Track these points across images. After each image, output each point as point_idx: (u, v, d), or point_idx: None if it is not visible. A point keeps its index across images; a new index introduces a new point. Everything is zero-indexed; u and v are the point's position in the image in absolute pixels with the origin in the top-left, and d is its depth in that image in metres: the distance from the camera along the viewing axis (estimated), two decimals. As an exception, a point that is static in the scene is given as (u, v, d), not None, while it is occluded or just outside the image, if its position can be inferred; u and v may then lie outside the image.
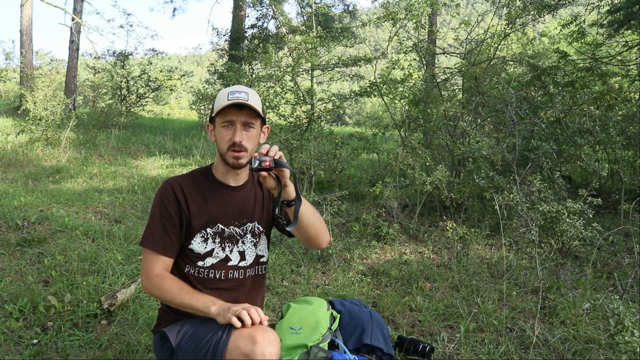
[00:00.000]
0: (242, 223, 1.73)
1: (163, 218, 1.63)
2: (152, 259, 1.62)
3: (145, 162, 7.91)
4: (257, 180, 1.77)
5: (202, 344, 1.50)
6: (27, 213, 4.40)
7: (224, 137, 1.60)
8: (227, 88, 1.65)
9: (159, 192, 1.66)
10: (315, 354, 2.13)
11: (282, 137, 5.35)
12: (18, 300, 2.67)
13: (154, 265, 1.62)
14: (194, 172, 1.73)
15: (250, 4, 15.23)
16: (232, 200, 1.70)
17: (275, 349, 1.40)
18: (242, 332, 1.42)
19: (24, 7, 13.65)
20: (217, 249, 1.69)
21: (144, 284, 1.62)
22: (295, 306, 2.38)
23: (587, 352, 2.42)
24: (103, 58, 15.27)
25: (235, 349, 1.41)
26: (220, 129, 1.61)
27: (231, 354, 1.41)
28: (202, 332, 1.54)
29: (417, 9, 5.39)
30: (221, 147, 1.61)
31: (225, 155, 1.61)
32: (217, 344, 1.44)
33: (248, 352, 1.38)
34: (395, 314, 2.82)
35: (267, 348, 1.38)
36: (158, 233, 1.62)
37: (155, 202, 1.66)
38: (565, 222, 3.65)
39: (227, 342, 1.43)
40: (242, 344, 1.40)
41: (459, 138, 5.47)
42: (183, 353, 1.55)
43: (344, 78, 7.72)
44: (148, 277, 1.61)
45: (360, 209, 5.14)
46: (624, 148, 5.65)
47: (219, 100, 1.61)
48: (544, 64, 6.99)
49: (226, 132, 1.60)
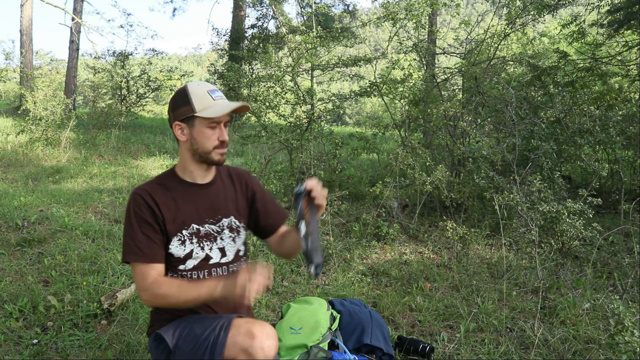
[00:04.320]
0: (217, 220, 1.70)
1: (142, 227, 1.58)
2: (144, 271, 1.56)
3: (145, 162, 7.92)
4: (227, 174, 1.78)
5: (199, 342, 1.49)
6: (27, 213, 4.41)
7: (210, 137, 1.60)
8: (199, 85, 1.63)
9: (130, 205, 1.61)
10: (315, 354, 2.13)
11: (282, 137, 5.35)
12: (18, 300, 2.67)
13: (147, 276, 1.56)
14: (159, 177, 1.70)
15: (250, 4, 15.24)
16: (202, 198, 1.68)
17: (273, 342, 1.41)
18: (239, 329, 1.43)
19: (24, 7, 13.64)
20: (196, 249, 1.66)
21: (144, 297, 1.56)
22: (295, 306, 2.38)
23: (587, 352, 2.42)
24: (103, 58, 15.27)
25: (233, 345, 1.42)
26: (204, 129, 1.59)
27: (230, 350, 1.42)
28: (199, 330, 1.53)
29: (417, 9, 5.39)
30: (206, 147, 1.60)
31: (211, 153, 1.61)
32: (216, 342, 1.44)
33: (247, 346, 1.39)
34: (395, 314, 2.82)
35: (266, 342, 1.39)
36: (143, 243, 1.57)
37: (128, 215, 1.60)
38: (565, 222, 3.65)
39: (226, 339, 1.43)
40: (241, 339, 1.41)
41: (459, 138, 5.47)
42: (181, 353, 1.54)
43: (344, 78, 7.74)
44: (145, 290, 1.55)
45: (360, 209, 5.14)
46: (624, 148, 5.65)
47: (203, 100, 1.59)
48: (544, 64, 6.99)
49: (212, 132, 1.60)
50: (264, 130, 5.44)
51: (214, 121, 1.59)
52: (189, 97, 1.59)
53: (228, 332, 1.45)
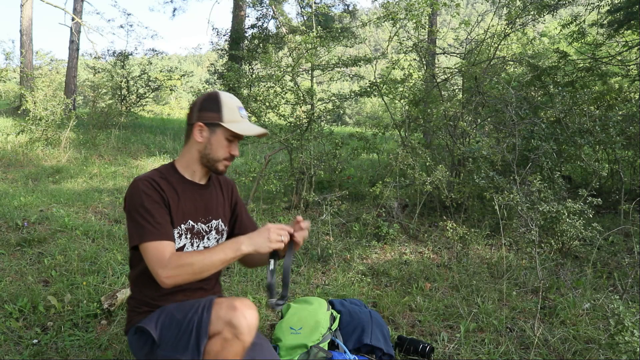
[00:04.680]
0: (207, 220, 1.76)
1: (154, 209, 1.57)
2: (161, 248, 1.53)
3: (145, 162, 7.92)
4: (217, 180, 1.86)
5: (183, 327, 1.53)
6: (27, 213, 4.40)
7: (225, 149, 1.69)
8: (230, 97, 1.71)
9: (137, 190, 1.59)
10: (315, 353, 2.13)
11: (282, 137, 5.35)
12: (18, 300, 2.67)
13: (165, 251, 1.53)
14: (160, 169, 1.72)
15: (250, 4, 15.23)
16: (200, 197, 1.74)
17: (254, 312, 1.49)
18: (221, 305, 1.50)
19: (24, 7, 13.65)
20: (187, 244, 1.70)
21: (165, 274, 1.49)
22: (295, 306, 2.39)
23: (587, 352, 2.42)
24: (103, 58, 15.27)
25: (217, 320, 1.48)
26: (223, 139, 1.68)
27: (214, 325, 1.48)
28: (180, 315, 1.57)
29: (417, 9, 5.39)
30: (217, 155, 1.68)
31: (219, 162, 1.70)
32: (200, 321, 1.50)
33: (230, 318, 1.46)
34: (395, 314, 2.82)
35: (247, 311, 1.47)
36: (158, 223, 1.56)
37: (137, 199, 1.58)
38: (565, 222, 3.65)
39: (210, 316, 1.50)
40: (223, 313, 1.48)
41: (459, 138, 5.47)
42: (166, 343, 1.55)
43: (344, 78, 7.72)
44: (165, 266, 1.50)
45: (360, 209, 5.14)
46: (624, 148, 5.65)
47: (232, 114, 1.67)
48: (544, 64, 6.99)
49: (228, 145, 1.69)
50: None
51: (234, 135, 1.68)
52: (220, 105, 1.67)
53: (211, 310, 1.50)
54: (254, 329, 1.49)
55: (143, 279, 1.67)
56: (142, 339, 1.63)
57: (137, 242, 1.55)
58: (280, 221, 4.75)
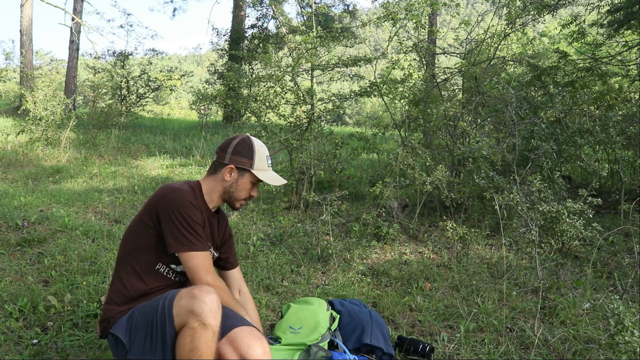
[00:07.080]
0: (209, 246, 1.92)
1: (196, 226, 1.76)
2: (208, 258, 1.76)
3: (145, 162, 7.92)
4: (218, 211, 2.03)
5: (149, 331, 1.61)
6: (27, 213, 4.40)
7: (248, 191, 1.91)
8: (262, 146, 1.91)
9: (186, 200, 1.75)
10: (315, 353, 2.13)
11: (282, 137, 5.35)
12: (18, 300, 2.67)
13: (211, 262, 1.79)
14: (192, 186, 1.86)
15: (250, 4, 15.23)
16: (210, 226, 1.94)
17: (213, 295, 1.55)
18: (181, 296, 1.57)
19: (24, 7, 13.65)
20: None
21: (210, 278, 1.72)
22: (295, 306, 2.39)
23: (587, 352, 2.42)
24: (103, 58, 15.27)
25: (179, 311, 1.54)
26: (249, 183, 1.89)
27: (178, 317, 1.54)
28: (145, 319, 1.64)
29: (417, 9, 5.38)
30: (240, 195, 1.90)
31: (239, 201, 1.92)
32: (164, 319, 1.56)
33: (191, 307, 1.52)
34: (395, 314, 2.82)
35: (206, 296, 1.53)
36: (202, 238, 1.78)
37: (187, 210, 1.74)
38: (565, 222, 3.65)
39: (172, 310, 1.55)
40: (184, 303, 1.54)
41: (459, 138, 5.46)
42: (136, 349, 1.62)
43: (344, 78, 7.71)
44: (212, 272, 1.76)
45: (360, 209, 5.14)
46: (624, 148, 5.65)
47: (262, 162, 1.89)
48: (544, 64, 7.00)
49: (251, 188, 1.91)
50: (264, 130, 5.44)
51: (259, 181, 1.89)
52: (253, 154, 1.88)
53: (172, 304, 1.56)
54: (217, 312, 1.53)
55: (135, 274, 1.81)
56: (119, 345, 1.70)
57: (187, 250, 1.72)
58: (281, 221, 4.75)
